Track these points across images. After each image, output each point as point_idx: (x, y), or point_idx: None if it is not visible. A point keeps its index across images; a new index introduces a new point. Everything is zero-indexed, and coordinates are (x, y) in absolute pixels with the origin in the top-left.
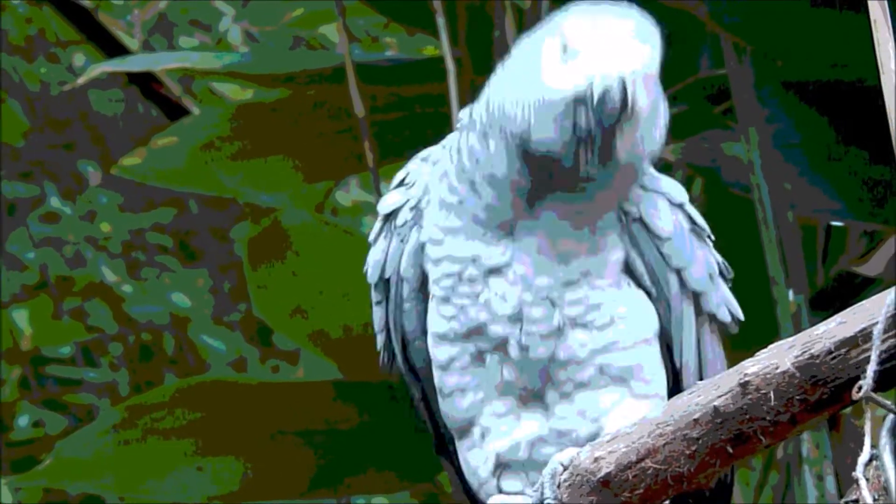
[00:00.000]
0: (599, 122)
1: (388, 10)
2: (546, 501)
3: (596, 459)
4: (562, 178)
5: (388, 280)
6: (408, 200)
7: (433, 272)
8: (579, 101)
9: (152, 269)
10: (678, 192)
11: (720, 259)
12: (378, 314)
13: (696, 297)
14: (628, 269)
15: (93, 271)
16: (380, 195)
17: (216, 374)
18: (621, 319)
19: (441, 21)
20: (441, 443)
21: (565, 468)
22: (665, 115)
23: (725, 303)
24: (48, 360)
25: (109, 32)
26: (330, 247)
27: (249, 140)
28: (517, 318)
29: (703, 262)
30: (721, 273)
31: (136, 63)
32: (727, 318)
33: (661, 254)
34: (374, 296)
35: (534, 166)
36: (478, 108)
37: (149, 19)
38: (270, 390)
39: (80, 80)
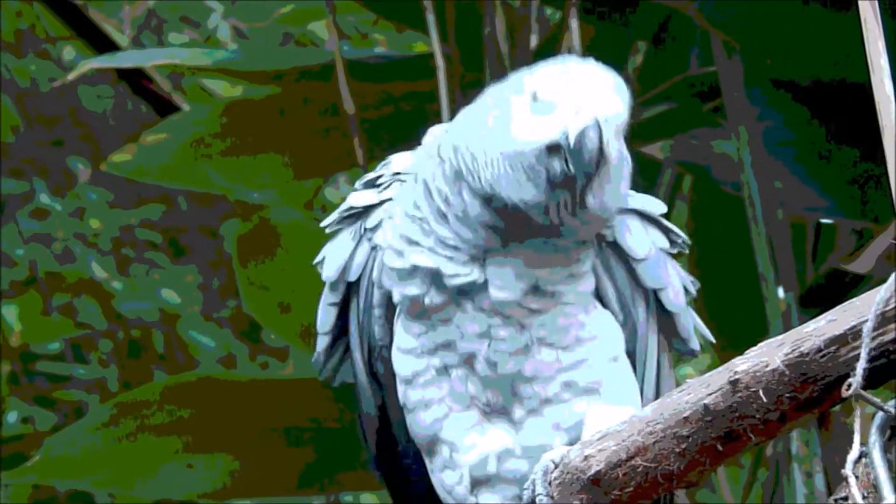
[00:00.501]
0: (577, 166)
1: (378, 7)
2: (538, 498)
3: (586, 457)
4: (534, 225)
5: (350, 283)
6: (382, 204)
7: (396, 290)
8: (553, 150)
9: (141, 265)
10: (653, 205)
11: (689, 277)
12: (329, 314)
13: (665, 323)
14: (598, 294)
15: (82, 268)
16: None
17: (205, 371)
18: (589, 340)
19: (431, 18)
20: (381, 457)
21: (556, 466)
22: (629, 170)
23: (696, 325)
24: (37, 356)
25: (99, 29)
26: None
27: (239, 137)
28: (486, 335)
29: (678, 282)
30: (686, 289)
31: (126, 59)
32: (696, 346)
33: (635, 275)
34: (330, 296)
35: (505, 215)
36: (446, 150)
37: (139, 16)
38: (259, 387)
39: (70, 77)
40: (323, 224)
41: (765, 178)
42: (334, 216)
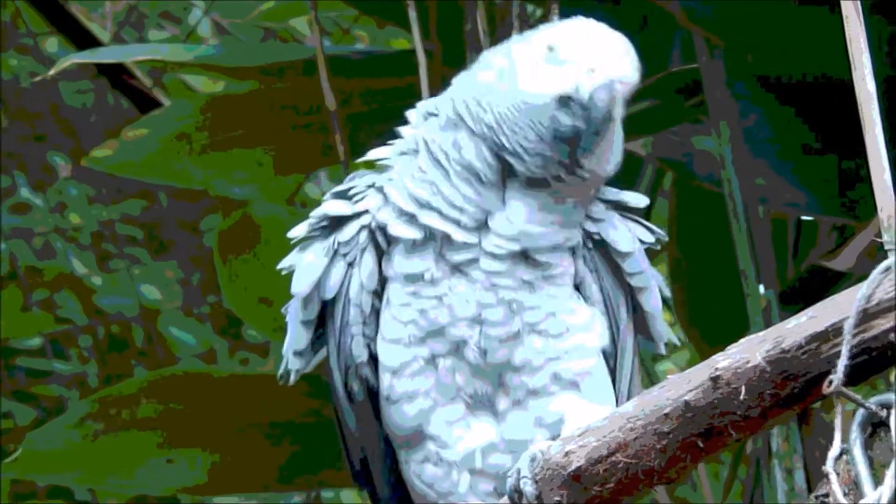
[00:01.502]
0: (587, 122)
1: (359, 4)
2: (523, 481)
3: (567, 453)
4: (533, 178)
5: (327, 303)
6: (357, 217)
7: (393, 270)
8: (562, 102)
9: (122, 260)
10: (634, 198)
11: (661, 278)
12: (301, 333)
13: (639, 323)
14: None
15: (62, 263)
16: None
17: (185, 367)
18: (576, 328)
19: (412, 14)
20: (364, 469)
21: (544, 456)
22: (622, 137)
23: (666, 333)
24: (17, 351)
25: (81, 24)
26: None
27: (220, 132)
28: (478, 320)
29: (656, 284)
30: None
31: (107, 55)
32: (663, 349)
33: (619, 274)
34: (302, 313)
35: (500, 160)
36: (443, 104)
37: (120, 11)
38: (240, 383)
39: (52, 72)
40: (291, 234)
41: (746, 175)
42: (304, 226)
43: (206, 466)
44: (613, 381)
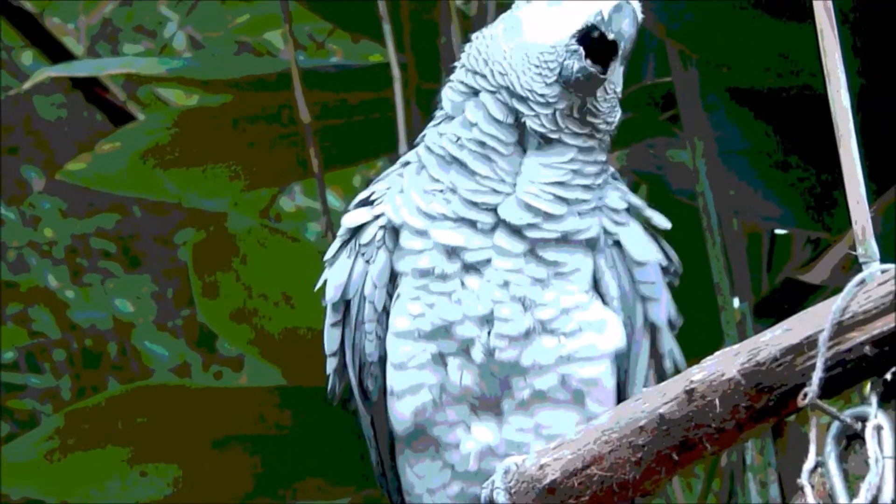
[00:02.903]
0: (618, 34)
1: (334, 17)
2: (496, 493)
3: (542, 466)
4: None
5: (348, 301)
6: (376, 218)
7: (405, 265)
8: (577, 42)
9: (96, 274)
10: (660, 219)
11: (674, 309)
12: (333, 336)
13: (654, 335)
14: (599, 292)
15: (36, 276)
16: (325, 201)
17: (159, 381)
18: (589, 328)
19: (387, 28)
20: (383, 470)
21: (517, 469)
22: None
23: (673, 350)
24: None
25: (54, 38)
26: (275, 253)
27: (194, 146)
28: (487, 319)
29: (666, 299)
30: (672, 323)
31: (81, 68)
32: (669, 365)
33: (632, 280)
34: (331, 316)
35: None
36: (453, 88)
37: (94, 25)
38: (214, 396)
39: (26, 86)
40: (326, 256)
41: (720, 188)
42: (335, 244)
43: (180, 479)
44: (622, 388)
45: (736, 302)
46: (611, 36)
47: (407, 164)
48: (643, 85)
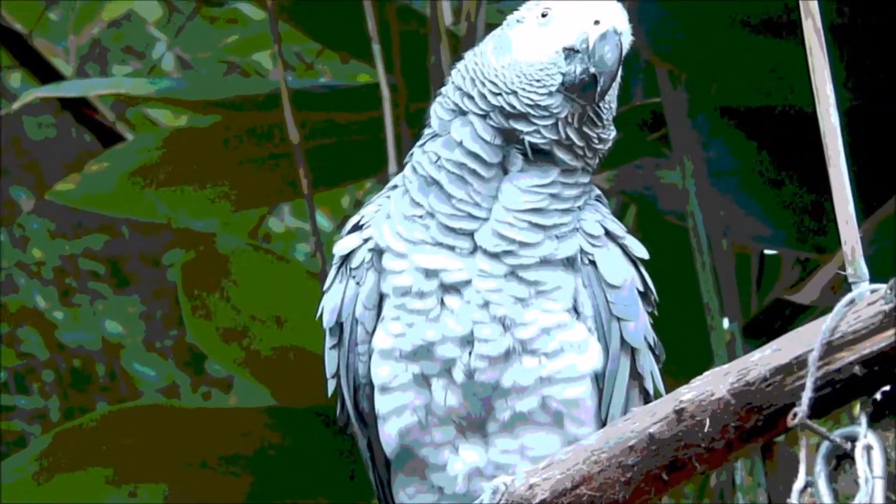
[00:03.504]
0: (599, 66)
1: (323, 37)
2: None
3: (531, 486)
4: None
5: (343, 324)
6: (365, 242)
7: (387, 286)
8: (571, 53)
9: (84, 295)
10: (639, 248)
11: (655, 337)
12: (332, 359)
13: (634, 356)
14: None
15: (25, 297)
16: (314, 222)
17: (148, 401)
18: (570, 348)
19: (376, 48)
20: (382, 492)
21: (506, 489)
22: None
23: (653, 373)
24: None
25: (44, 58)
26: (264, 273)
27: (183, 166)
28: (468, 340)
29: (644, 322)
30: (652, 348)
31: (70, 88)
32: (650, 387)
33: (607, 301)
34: (329, 340)
35: (502, 132)
36: (442, 104)
37: (83, 45)
38: (203, 416)
39: (15, 106)
40: (324, 287)
41: (709, 208)
42: (331, 273)
43: (169, 500)
44: (601, 409)
45: (725, 322)
46: (591, 70)
47: (395, 187)
48: (632, 105)
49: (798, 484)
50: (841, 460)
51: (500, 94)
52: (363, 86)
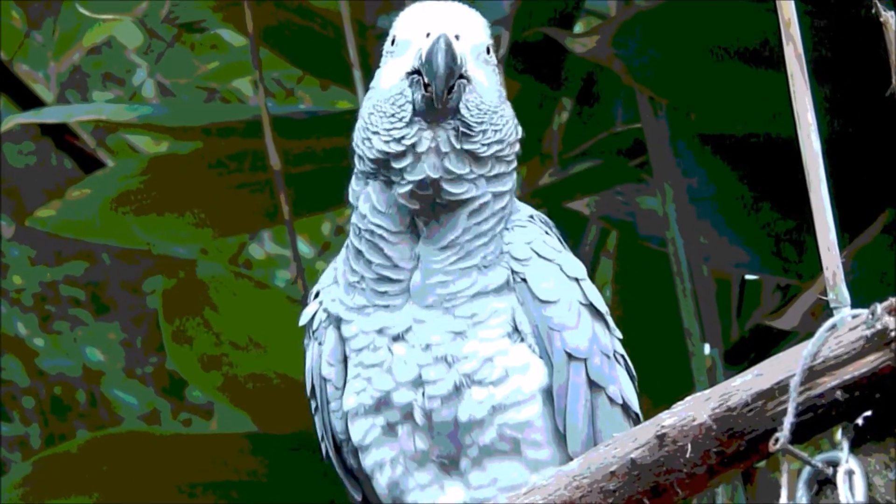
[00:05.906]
0: (430, 74)
1: (304, 63)
2: None
3: None
4: (420, 193)
5: (314, 387)
6: (321, 304)
7: (348, 348)
8: (414, 78)
9: (65, 322)
10: (574, 267)
11: (618, 346)
12: (318, 423)
13: (586, 365)
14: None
15: (5, 325)
16: (295, 248)
17: (128, 427)
18: (514, 371)
19: (357, 74)
20: None
21: None
22: (513, 121)
23: (616, 383)
24: None
25: (24, 84)
26: (245, 300)
27: (164, 192)
28: (419, 382)
29: (588, 330)
30: (614, 356)
31: (51, 115)
32: (617, 398)
33: (543, 314)
34: (312, 404)
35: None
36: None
37: (63, 72)
38: (184, 442)
39: None
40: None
41: (690, 234)
42: (305, 342)
43: None
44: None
45: (706, 348)
46: (426, 80)
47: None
48: (612, 132)
49: None
50: (823, 485)
51: (368, 139)
52: (344, 112)
